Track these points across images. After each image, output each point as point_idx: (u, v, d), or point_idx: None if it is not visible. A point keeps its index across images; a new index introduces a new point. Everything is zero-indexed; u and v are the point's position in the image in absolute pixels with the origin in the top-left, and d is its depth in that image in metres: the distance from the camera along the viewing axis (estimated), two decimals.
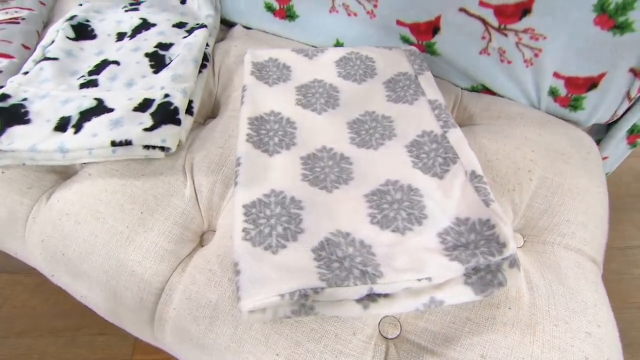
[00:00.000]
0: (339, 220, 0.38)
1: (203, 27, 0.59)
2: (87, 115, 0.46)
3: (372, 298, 0.33)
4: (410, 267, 0.33)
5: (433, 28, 0.54)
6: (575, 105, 0.53)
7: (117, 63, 0.54)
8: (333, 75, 0.54)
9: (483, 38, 0.52)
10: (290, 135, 0.46)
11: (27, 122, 0.45)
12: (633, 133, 0.56)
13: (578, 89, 0.52)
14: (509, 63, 0.53)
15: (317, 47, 0.60)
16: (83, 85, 0.51)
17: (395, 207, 0.39)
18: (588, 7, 0.44)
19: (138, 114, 0.46)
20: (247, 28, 0.67)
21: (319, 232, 0.37)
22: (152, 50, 0.56)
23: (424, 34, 0.56)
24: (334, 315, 0.35)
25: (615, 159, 0.60)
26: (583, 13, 0.45)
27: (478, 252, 0.34)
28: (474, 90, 0.59)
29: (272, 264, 0.34)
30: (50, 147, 0.43)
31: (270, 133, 0.46)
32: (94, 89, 0.50)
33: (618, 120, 0.55)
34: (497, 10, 0.49)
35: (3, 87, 0.49)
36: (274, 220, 0.37)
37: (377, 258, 0.34)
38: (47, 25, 0.64)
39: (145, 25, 0.60)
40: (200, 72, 0.55)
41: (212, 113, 0.56)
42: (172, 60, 0.54)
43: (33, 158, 0.44)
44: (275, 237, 0.36)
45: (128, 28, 0.60)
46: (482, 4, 0.49)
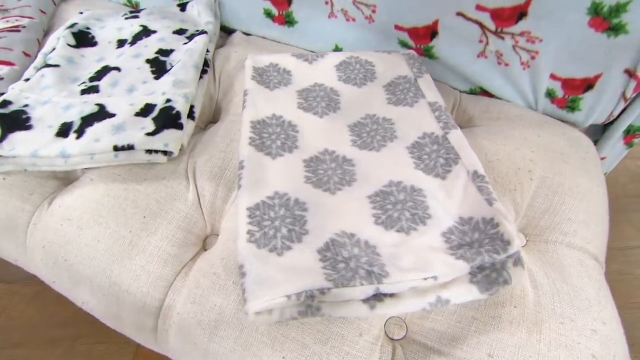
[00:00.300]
0: (344, 221, 0.38)
1: (203, 33, 0.60)
2: (88, 121, 0.46)
3: (378, 298, 0.33)
4: (416, 266, 0.33)
5: (431, 32, 0.55)
6: (573, 107, 0.54)
7: (118, 69, 0.54)
8: (333, 79, 0.54)
9: (480, 41, 0.53)
10: (293, 139, 0.46)
11: (28, 128, 0.45)
12: (629, 133, 0.57)
13: (575, 91, 0.53)
14: (506, 66, 0.54)
15: (316, 52, 0.60)
16: (84, 92, 0.51)
17: (399, 207, 0.39)
18: (582, 9, 0.45)
19: (140, 119, 0.46)
20: (246, 34, 0.68)
21: (324, 233, 0.37)
22: (152, 57, 0.56)
23: (422, 38, 0.57)
24: (341, 316, 0.34)
25: (613, 159, 0.61)
26: (578, 16, 0.46)
27: (483, 250, 0.34)
28: (472, 93, 0.60)
29: (277, 266, 0.34)
30: (52, 152, 0.43)
31: (273, 136, 0.46)
32: (95, 95, 0.50)
33: (614, 121, 0.55)
34: (493, 14, 0.49)
35: (4, 93, 0.49)
36: (279, 222, 0.37)
37: (382, 258, 0.34)
38: (47, 33, 0.64)
39: (146, 32, 0.61)
40: (201, 77, 0.55)
41: (213, 118, 0.57)
42: (173, 66, 0.54)
43: (35, 164, 0.44)
44: (280, 238, 0.36)
45: (128, 35, 0.61)
46: (478, 8, 0.50)
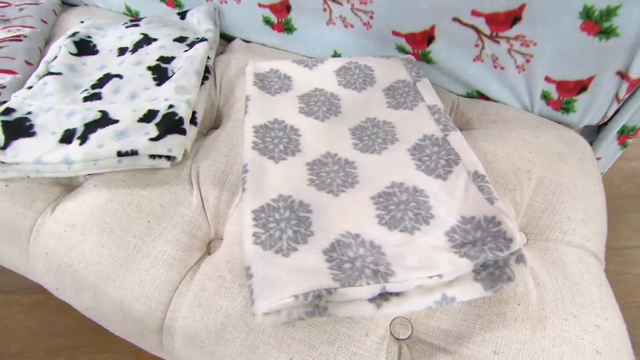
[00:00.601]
0: (348, 222, 0.38)
1: (204, 40, 0.60)
2: (92, 127, 0.46)
3: (384, 297, 0.33)
4: (421, 265, 0.34)
5: (428, 37, 0.56)
6: (568, 108, 0.55)
7: (119, 76, 0.55)
8: (333, 84, 0.55)
9: (476, 46, 0.54)
10: (295, 142, 0.47)
11: (32, 134, 0.46)
12: (623, 134, 0.58)
13: (569, 92, 0.54)
14: (502, 69, 0.55)
15: (315, 58, 0.61)
16: (87, 99, 0.51)
17: (402, 208, 0.39)
18: (574, 14, 0.46)
19: (143, 125, 0.47)
20: (246, 42, 0.69)
21: (329, 234, 0.37)
22: (154, 64, 0.57)
23: (420, 43, 0.58)
24: (347, 316, 0.35)
25: (608, 160, 0.62)
26: (570, 20, 0.47)
27: (486, 248, 0.34)
28: (469, 97, 0.61)
29: (284, 267, 0.34)
30: (56, 158, 0.44)
31: (275, 140, 0.46)
32: (98, 102, 0.51)
33: (608, 122, 0.57)
34: (488, 19, 0.51)
35: (7, 101, 0.49)
36: (284, 224, 0.37)
37: (387, 257, 0.35)
38: (48, 42, 0.65)
39: (147, 40, 0.61)
40: (203, 84, 0.56)
41: (214, 124, 0.57)
42: (174, 73, 0.55)
43: (38, 170, 0.44)
44: (286, 240, 0.36)
45: (129, 43, 0.61)
46: (474, 13, 0.51)
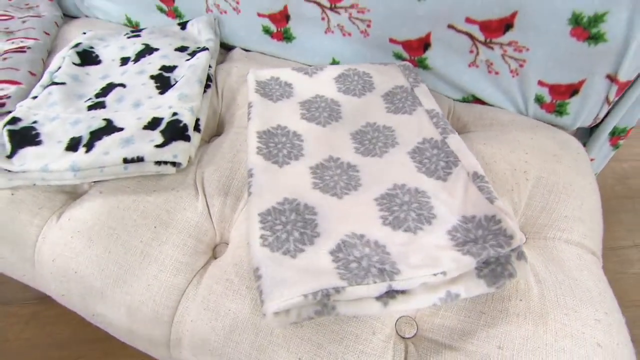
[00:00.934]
0: (353, 224, 0.39)
1: (205, 50, 0.62)
2: (97, 135, 0.47)
3: (390, 295, 0.34)
4: (425, 263, 0.35)
5: (424, 44, 0.58)
6: (561, 111, 0.57)
7: (123, 85, 0.56)
8: (333, 91, 0.56)
9: (471, 52, 0.56)
10: (298, 147, 0.48)
11: (38, 143, 0.46)
12: (615, 135, 0.60)
13: (561, 96, 0.56)
14: (497, 74, 0.57)
15: (315, 65, 0.63)
16: (91, 107, 0.52)
17: (405, 208, 0.40)
18: (564, 20, 0.48)
19: (148, 132, 0.47)
20: (245, 50, 0.70)
21: (335, 235, 0.38)
22: (156, 73, 0.58)
23: (416, 50, 0.59)
24: (355, 315, 0.35)
25: (601, 160, 0.64)
26: (560, 26, 0.49)
27: (487, 245, 0.35)
28: (465, 101, 0.62)
29: (292, 267, 0.35)
30: (62, 166, 0.44)
31: (279, 145, 0.47)
32: (102, 110, 0.52)
33: (600, 124, 0.58)
34: (482, 26, 0.53)
35: (13, 111, 0.50)
36: (290, 226, 0.38)
37: (392, 256, 0.36)
38: (51, 54, 0.66)
39: (149, 50, 0.62)
40: (205, 92, 0.57)
41: (217, 131, 0.58)
42: (177, 82, 0.56)
43: (44, 178, 0.45)
44: (293, 242, 0.37)
45: (131, 53, 0.62)
46: (468, 21, 0.53)
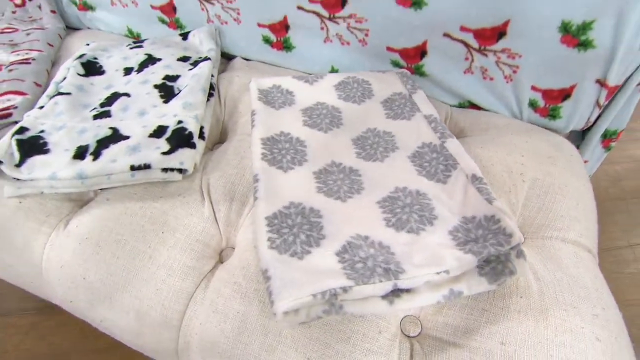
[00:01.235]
0: (357, 226, 0.40)
1: (207, 59, 0.63)
2: (104, 143, 0.48)
3: (396, 294, 0.35)
4: (428, 262, 0.36)
5: (420, 52, 0.60)
6: (554, 115, 0.59)
7: (127, 95, 0.57)
8: (334, 98, 0.58)
9: (466, 59, 0.58)
10: (302, 153, 0.49)
11: (46, 152, 0.47)
12: (606, 137, 0.62)
13: (554, 100, 0.58)
14: (491, 80, 0.59)
15: (314, 74, 0.64)
16: (96, 117, 0.53)
17: (407, 210, 0.42)
18: (554, 28, 0.50)
19: (154, 140, 0.48)
20: (246, 60, 0.72)
21: (340, 237, 0.39)
22: (160, 82, 0.59)
23: (413, 58, 0.61)
24: (362, 313, 0.36)
25: (594, 162, 0.66)
26: (550, 34, 0.51)
27: (488, 244, 0.37)
28: (461, 107, 0.64)
29: (300, 269, 0.36)
30: (70, 174, 0.45)
31: (283, 151, 0.48)
32: (108, 119, 0.53)
33: (592, 127, 0.60)
34: (476, 34, 0.55)
35: (20, 121, 0.50)
36: (297, 229, 0.39)
37: (396, 256, 0.37)
38: (55, 65, 0.67)
39: (151, 60, 0.64)
40: (208, 100, 0.58)
41: (220, 139, 0.59)
42: (180, 91, 0.57)
43: (52, 186, 0.45)
44: (300, 244, 0.38)
45: (135, 63, 0.64)
46: (463, 29, 0.55)
